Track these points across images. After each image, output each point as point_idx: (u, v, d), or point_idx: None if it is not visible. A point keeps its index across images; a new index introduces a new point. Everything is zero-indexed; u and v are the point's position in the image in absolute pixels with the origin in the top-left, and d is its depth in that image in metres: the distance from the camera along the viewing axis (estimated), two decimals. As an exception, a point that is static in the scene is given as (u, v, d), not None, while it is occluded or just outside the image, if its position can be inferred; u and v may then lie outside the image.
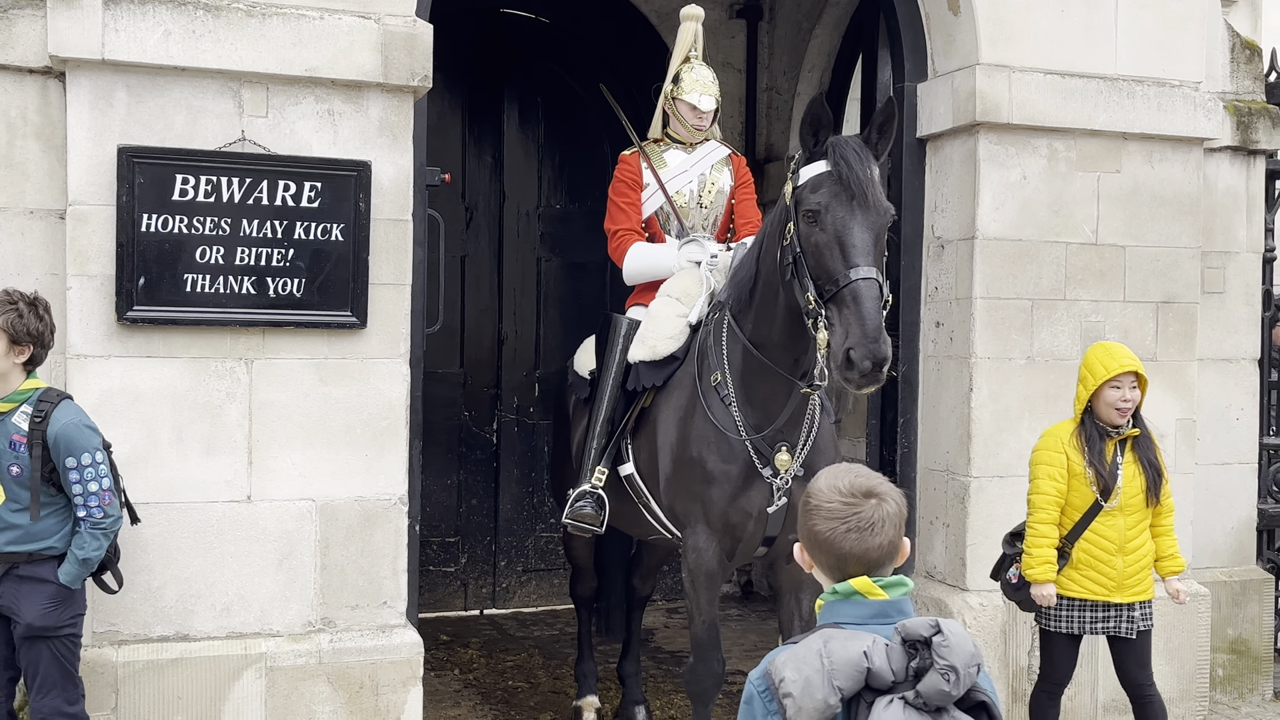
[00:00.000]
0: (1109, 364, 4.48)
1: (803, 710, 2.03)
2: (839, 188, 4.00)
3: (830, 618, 2.19)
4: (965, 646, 2.04)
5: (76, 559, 3.92)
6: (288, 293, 4.62)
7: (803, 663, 2.06)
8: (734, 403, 4.54)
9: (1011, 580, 4.66)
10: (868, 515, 2.17)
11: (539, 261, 8.14)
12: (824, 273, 4.00)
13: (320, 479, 4.70)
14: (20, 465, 3.89)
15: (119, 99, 4.43)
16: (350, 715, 4.70)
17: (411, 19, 4.75)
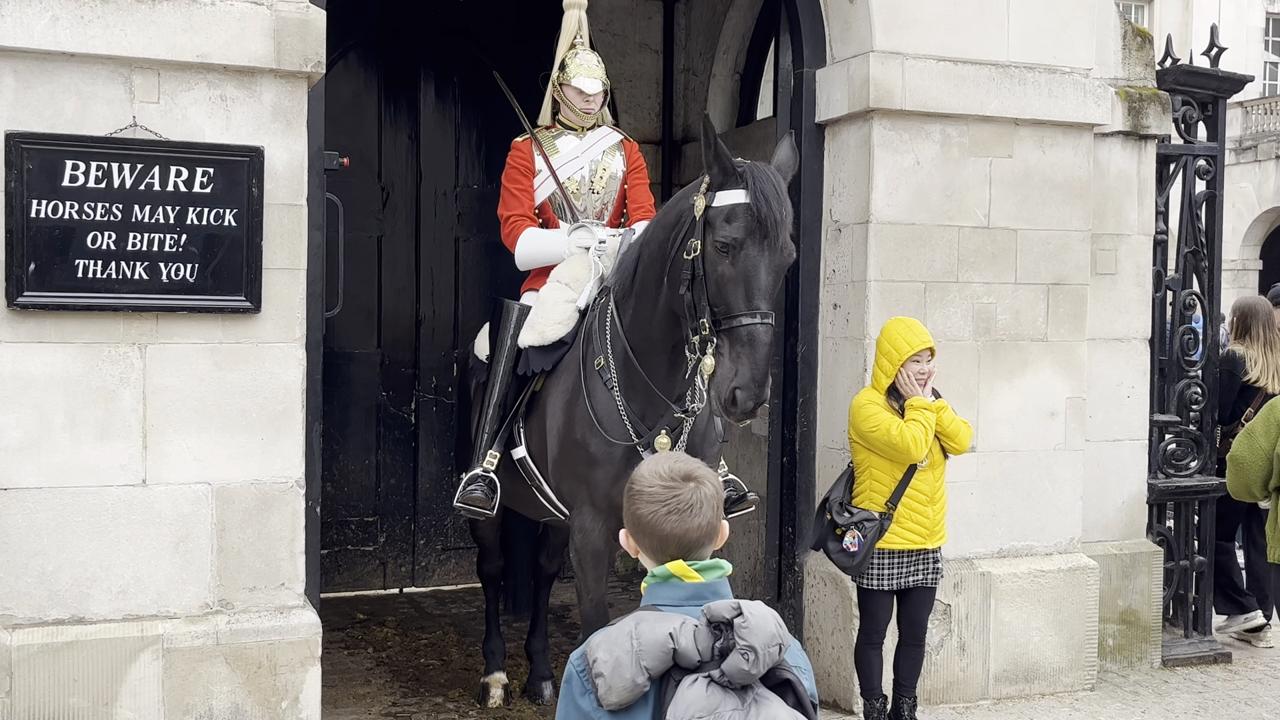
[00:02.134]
0: (912, 340, 4.93)
1: (613, 689, 2.13)
2: (755, 224, 4.10)
3: (650, 600, 2.29)
4: (766, 628, 2.15)
5: None
6: (181, 278, 4.65)
7: (614, 644, 2.16)
8: (615, 387, 4.64)
9: (850, 549, 4.90)
10: (686, 498, 2.27)
11: (457, 241, 8.18)
12: (724, 304, 4.13)
13: (216, 463, 4.74)
14: None
15: (6, 84, 4.43)
16: (248, 695, 4.76)
17: (305, 5, 4.78)
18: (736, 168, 4.19)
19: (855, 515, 4.96)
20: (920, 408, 4.88)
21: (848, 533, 4.95)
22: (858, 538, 4.91)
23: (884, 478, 4.96)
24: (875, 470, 4.98)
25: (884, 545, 4.95)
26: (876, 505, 4.96)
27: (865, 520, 4.93)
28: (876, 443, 4.90)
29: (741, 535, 7.55)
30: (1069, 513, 6.09)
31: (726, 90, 8.28)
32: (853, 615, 5.66)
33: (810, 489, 6.02)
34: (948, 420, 4.96)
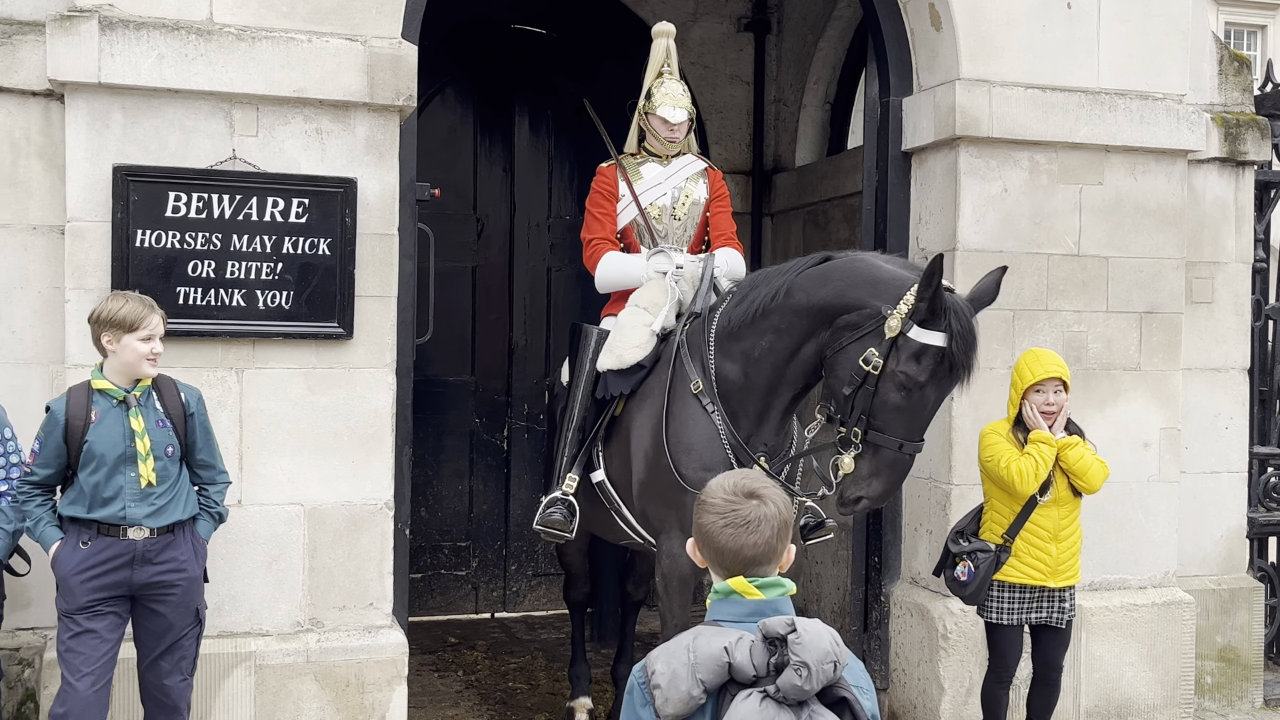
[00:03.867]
0: (1035, 369, 4.83)
1: (669, 700, 2.17)
2: (943, 370, 4.23)
3: (712, 615, 2.32)
4: (820, 644, 2.16)
5: (6, 532, 4.17)
6: (276, 305, 4.81)
7: (672, 657, 2.20)
8: (716, 411, 4.68)
9: (960, 578, 4.83)
10: (745, 514, 2.30)
11: (549, 271, 8.30)
12: (885, 422, 4.26)
13: (308, 484, 4.88)
14: None
15: (115, 120, 4.64)
16: (336, 712, 4.87)
17: (397, 40, 4.93)
18: (945, 307, 4.18)
19: (971, 545, 4.90)
20: (1038, 441, 4.78)
21: (961, 562, 4.89)
22: (968, 568, 4.85)
23: (1004, 509, 4.89)
24: (995, 501, 4.93)
25: (1003, 578, 4.85)
26: (995, 537, 4.89)
27: (979, 550, 4.87)
28: (991, 474, 4.87)
29: (830, 565, 7.51)
30: (1163, 546, 5.95)
31: (817, 120, 8.31)
32: (939, 647, 5.61)
33: (897, 519, 5.98)
34: (1075, 458, 4.80)
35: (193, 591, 4.23)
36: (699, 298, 5.02)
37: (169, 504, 4.13)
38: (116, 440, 4.06)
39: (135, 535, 4.08)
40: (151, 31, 4.61)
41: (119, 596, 4.14)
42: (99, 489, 4.05)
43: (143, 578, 4.11)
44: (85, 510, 4.06)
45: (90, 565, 4.06)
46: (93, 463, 4.05)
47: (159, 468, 4.10)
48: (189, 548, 4.20)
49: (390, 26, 4.92)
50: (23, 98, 4.72)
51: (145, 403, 4.15)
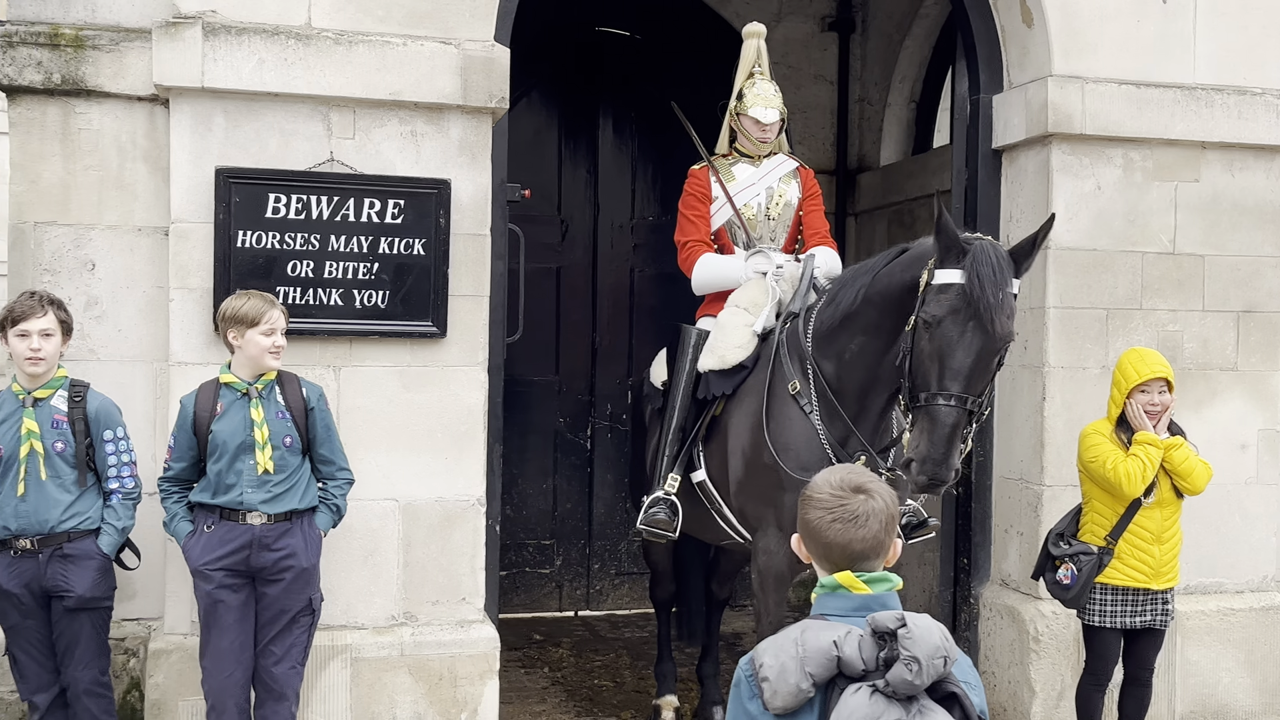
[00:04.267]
0: (1141, 369, 4.75)
1: (778, 694, 2.18)
2: (961, 305, 4.06)
3: (818, 610, 2.33)
4: (931, 639, 2.16)
5: (115, 529, 4.31)
6: (373, 304, 4.90)
7: (780, 650, 2.21)
8: (815, 411, 4.68)
9: (1063, 581, 4.77)
10: (853, 508, 2.30)
11: (632, 272, 8.34)
12: (919, 380, 4.18)
13: (403, 480, 4.97)
14: (64, 441, 4.28)
15: (217, 123, 4.76)
16: (430, 706, 4.95)
17: (490, 44, 4.99)
18: (960, 244, 4.12)
19: (1072, 547, 4.84)
20: (1144, 443, 4.71)
21: (1062, 565, 4.83)
22: (1071, 570, 4.79)
23: (1105, 511, 4.83)
24: (1097, 503, 4.86)
25: (1105, 580, 4.80)
26: (1097, 539, 4.83)
27: (1082, 553, 4.81)
28: (1094, 475, 4.80)
29: (916, 568, 7.45)
30: (1261, 549, 5.84)
31: (902, 119, 8.26)
32: (1030, 650, 5.55)
33: (986, 520, 5.92)
34: (1180, 459, 4.74)
35: (305, 580, 4.37)
36: (798, 297, 5.02)
37: (286, 492, 4.33)
38: (238, 429, 4.30)
39: (253, 520, 4.30)
40: (252, 36, 4.72)
41: (242, 583, 4.33)
42: (221, 476, 4.30)
43: (260, 562, 4.31)
44: (210, 496, 4.33)
45: (213, 548, 4.30)
46: (217, 451, 4.30)
47: (276, 456, 4.31)
48: (303, 537, 4.37)
49: (483, 29, 4.99)
50: (129, 103, 4.85)
51: (267, 395, 4.35)
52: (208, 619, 4.38)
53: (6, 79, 4.69)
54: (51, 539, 4.25)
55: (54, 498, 4.25)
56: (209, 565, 4.31)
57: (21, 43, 4.71)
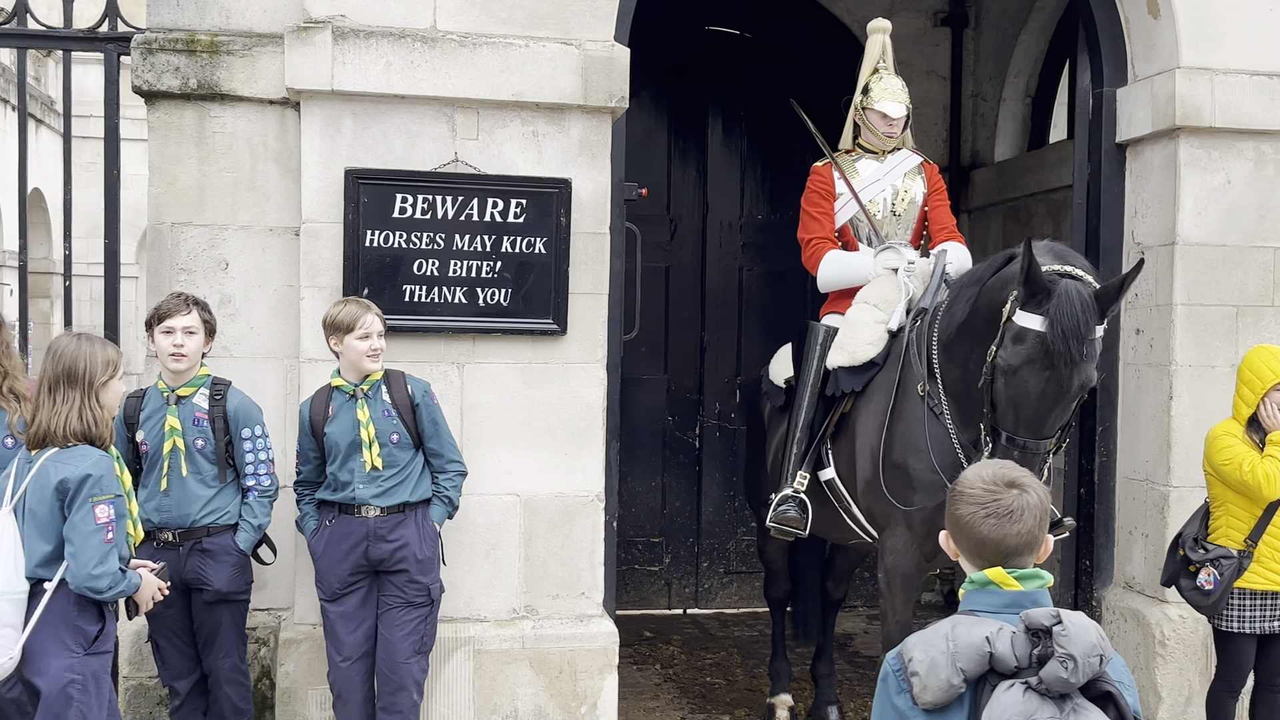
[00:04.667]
0: (1276, 368, 4.63)
1: (927, 688, 2.17)
2: (1039, 355, 4.00)
3: (967, 606, 2.31)
4: (1086, 637, 2.14)
5: (252, 526, 4.44)
6: (495, 302, 4.97)
7: (930, 645, 2.20)
8: (945, 413, 4.64)
9: (1204, 586, 4.65)
10: (1007, 503, 2.28)
11: (740, 270, 8.33)
12: (997, 416, 4.16)
13: (523, 475, 5.03)
14: (205, 439, 4.42)
15: (346, 126, 4.86)
16: (550, 698, 5.00)
17: (610, 43, 5.03)
18: (1045, 286, 4.03)
19: (1211, 552, 4.71)
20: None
21: (1202, 569, 4.70)
22: (1213, 575, 4.66)
23: (1241, 514, 4.71)
24: (1232, 505, 4.74)
25: (1243, 585, 4.68)
26: (1234, 542, 4.70)
27: (1222, 557, 4.67)
28: (1228, 477, 4.67)
29: (1031, 569, 7.34)
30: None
31: (1017, 115, 8.14)
32: (1156, 654, 5.43)
33: (1109, 521, 5.81)
34: None
35: (420, 570, 4.49)
36: (929, 294, 4.97)
37: (396, 486, 4.47)
38: (347, 430, 4.45)
39: (367, 514, 4.45)
40: (380, 40, 4.82)
41: (363, 576, 4.47)
42: (337, 475, 4.48)
43: (377, 554, 4.46)
44: (330, 494, 4.51)
45: (333, 542, 4.47)
46: (332, 452, 4.48)
47: (384, 454, 4.45)
48: (416, 529, 4.49)
49: (604, 30, 5.03)
50: (260, 106, 4.97)
51: (373, 395, 4.48)
52: (331, 610, 4.52)
53: (146, 84, 4.85)
54: (192, 533, 4.39)
55: (195, 493, 4.39)
56: (329, 560, 4.48)
57: (160, 49, 4.86)
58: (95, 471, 3.64)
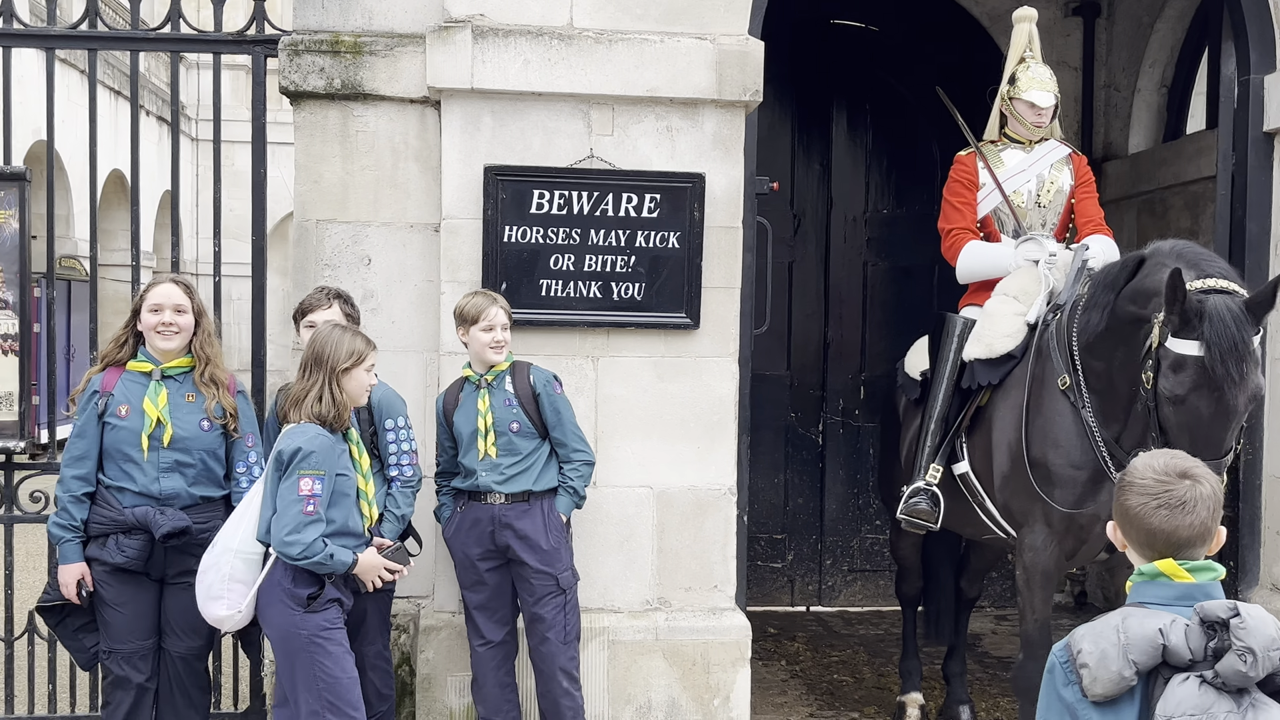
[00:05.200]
0: None
1: (1098, 680, 2.14)
2: (1203, 381, 3.90)
3: (1136, 598, 2.27)
4: (1265, 631, 2.09)
5: (396, 517, 4.52)
6: (629, 296, 5.01)
7: (1100, 637, 2.17)
8: (1086, 407, 4.57)
9: None
10: (1179, 494, 2.24)
11: (865, 266, 8.27)
12: (1173, 438, 4.01)
13: (656, 468, 5.07)
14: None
15: (485, 123, 4.95)
16: (683, 690, 5.03)
17: (744, 38, 5.04)
18: (1195, 310, 3.92)
19: None
20: None
21: None
22: None
23: None
24: None
25: None
26: None
27: None
28: None
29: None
30: None
31: (1152, 105, 7.94)
32: (1306, 658, 5.25)
33: (1255, 521, 5.64)
34: None
35: (547, 560, 4.56)
36: (1068, 288, 4.87)
37: (519, 474, 4.56)
38: (471, 419, 4.58)
39: (492, 500, 4.57)
40: (518, 38, 4.90)
41: (496, 562, 4.59)
42: (464, 462, 4.61)
43: (503, 540, 4.55)
44: (461, 481, 4.64)
45: (461, 528, 4.62)
46: (460, 440, 4.62)
47: (502, 442, 4.55)
48: (542, 518, 4.56)
49: (738, 24, 5.04)
50: (401, 105, 5.08)
51: (497, 385, 4.58)
52: (468, 596, 4.66)
53: (293, 85, 4.99)
54: None
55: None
56: (462, 546, 4.61)
57: (306, 51, 5.00)
58: (308, 447, 3.92)
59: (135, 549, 4.19)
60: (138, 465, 4.21)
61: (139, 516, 4.18)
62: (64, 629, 4.38)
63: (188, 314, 4.29)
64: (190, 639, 4.35)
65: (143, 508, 4.20)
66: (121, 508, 4.21)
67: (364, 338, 4.18)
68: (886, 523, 8.06)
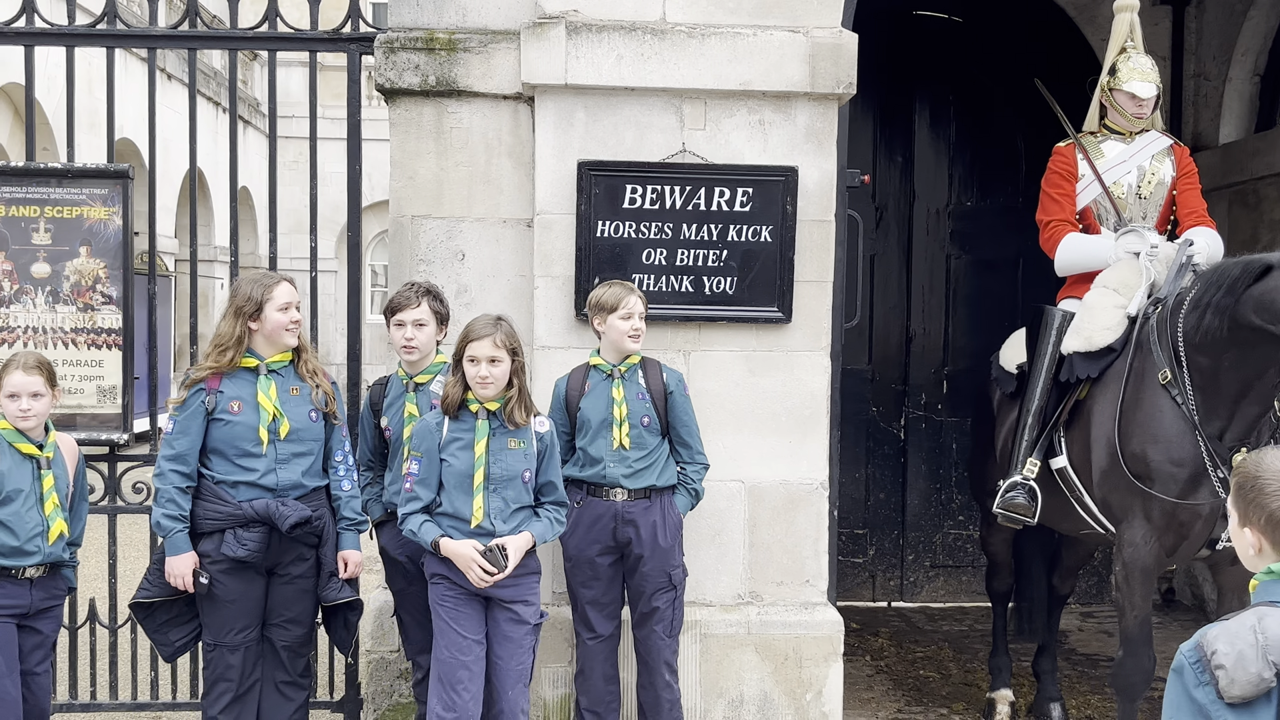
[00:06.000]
0: None
1: (1235, 682, 2.11)
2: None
3: (1265, 596, 2.24)
4: None
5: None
6: (721, 290, 5.02)
7: (1236, 637, 2.14)
8: (1189, 403, 4.51)
9: None
10: None
11: (948, 259, 8.19)
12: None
13: (748, 462, 5.07)
14: None
15: (578, 119, 4.97)
16: (775, 684, 5.04)
17: (837, 29, 5.02)
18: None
19: None
20: None
21: None
22: None
23: None
24: None
25: None
26: None
27: None
28: None
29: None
30: None
31: (1244, 94, 7.79)
32: None
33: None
34: None
35: (663, 557, 4.56)
36: (1170, 282, 4.81)
37: (645, 470, 4.54)
38: (601, 407, 4.55)
39: (615, 496, 4.53)
40: (611, 34, 4.91)
41: (612, 557, 4.57)
42: (587, 450, 4.56)
43: (624, 536, 4.53)
44: (579, 470, 4.57)
45: (581, 523, 4.55)
46: (584, 427, 4.56)
47: (634, 434, 4.52)
48: (661, 515, 4.55)
49: (831, 16, 5.02)
50: (495, 101, 5.12)
51: (629, 377, 4.57)
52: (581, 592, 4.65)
53: (389, 82, 5.05)
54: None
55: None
56: (578, 542, 4.58)
57: (401, 48, 5.05)
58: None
59: (256, 542, 4.25)
60: (257, 458, 4.28)
61: (259, 510, 4.25)
62: (151, 622, 4.44)
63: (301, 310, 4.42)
64: (294, 628, 4.42)
65: (263, 500, 4.26)
66: (238, 502, 4.27)
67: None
68: (969, 518, 8.01)
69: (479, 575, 4.07)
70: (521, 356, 4.25)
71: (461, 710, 4.11)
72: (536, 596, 4.27)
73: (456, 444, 4.18)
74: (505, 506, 4.17)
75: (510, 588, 4.16)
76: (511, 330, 4.25)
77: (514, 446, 4.19)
